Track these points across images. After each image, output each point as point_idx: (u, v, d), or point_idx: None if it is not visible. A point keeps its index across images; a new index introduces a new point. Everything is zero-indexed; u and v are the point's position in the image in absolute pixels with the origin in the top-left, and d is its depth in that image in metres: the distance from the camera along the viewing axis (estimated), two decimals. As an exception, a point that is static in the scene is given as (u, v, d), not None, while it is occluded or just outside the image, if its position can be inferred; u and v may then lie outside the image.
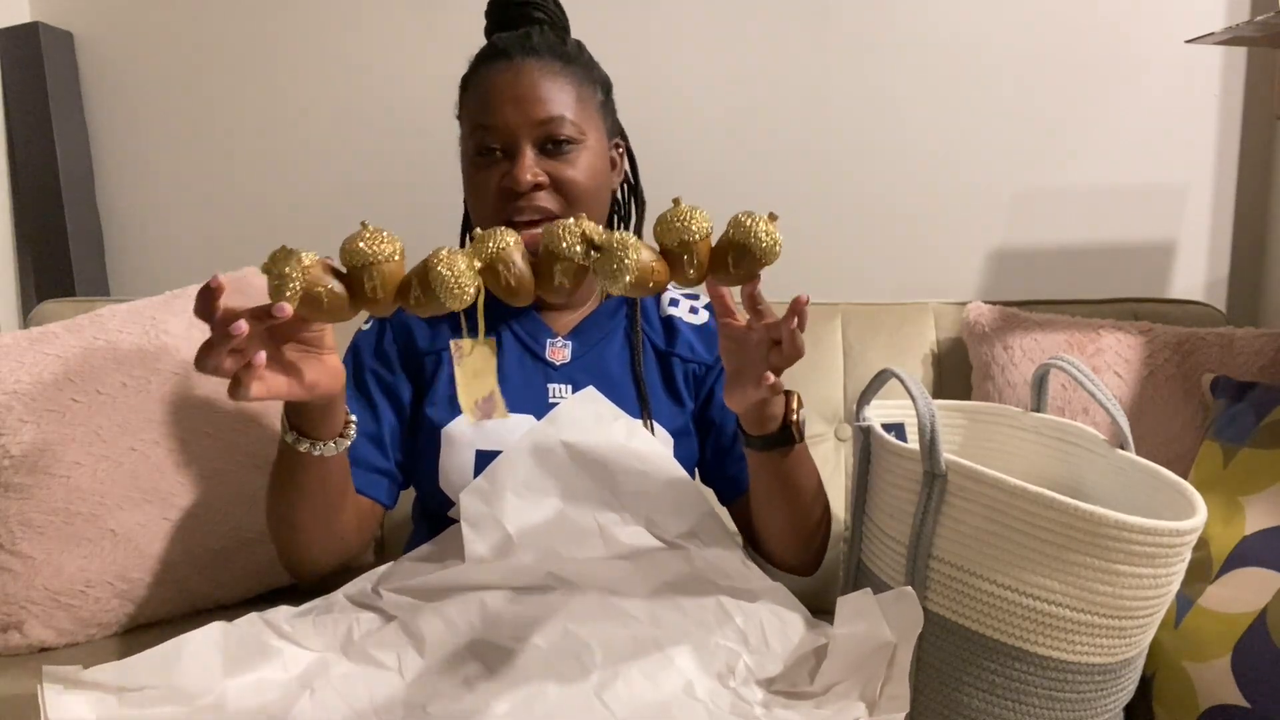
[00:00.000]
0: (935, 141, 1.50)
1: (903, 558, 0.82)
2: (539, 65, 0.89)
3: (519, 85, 0.88)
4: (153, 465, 1.16)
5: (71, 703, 0.71)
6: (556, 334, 0.96)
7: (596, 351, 0.96)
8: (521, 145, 0.88)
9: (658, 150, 1.56)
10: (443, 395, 0.93)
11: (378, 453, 0.94)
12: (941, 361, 1.32)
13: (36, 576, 1.10)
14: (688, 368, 0.99)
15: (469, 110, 0.92)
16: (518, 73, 0.88)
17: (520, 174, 0.87)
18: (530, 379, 0.94)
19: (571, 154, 0.89)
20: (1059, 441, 0.95)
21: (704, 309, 1.03)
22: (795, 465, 0.89)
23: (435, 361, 0.95)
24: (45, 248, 1.67)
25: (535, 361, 0.95)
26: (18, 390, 1.15)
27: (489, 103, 0.89)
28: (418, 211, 1.69)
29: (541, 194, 0.88)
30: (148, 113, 1.70)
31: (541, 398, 0.93)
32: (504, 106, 0.88)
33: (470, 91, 0.92)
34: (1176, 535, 0.71)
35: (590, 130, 0.91)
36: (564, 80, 0.90)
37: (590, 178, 0.90)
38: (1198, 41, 1.17)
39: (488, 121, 0.88)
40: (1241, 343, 1.16)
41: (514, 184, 0.87)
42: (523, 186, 0.87)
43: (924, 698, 0.80)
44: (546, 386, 0.94)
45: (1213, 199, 1.46)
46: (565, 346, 0.96)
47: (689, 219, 0.69)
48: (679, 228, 0.69)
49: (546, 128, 0.88)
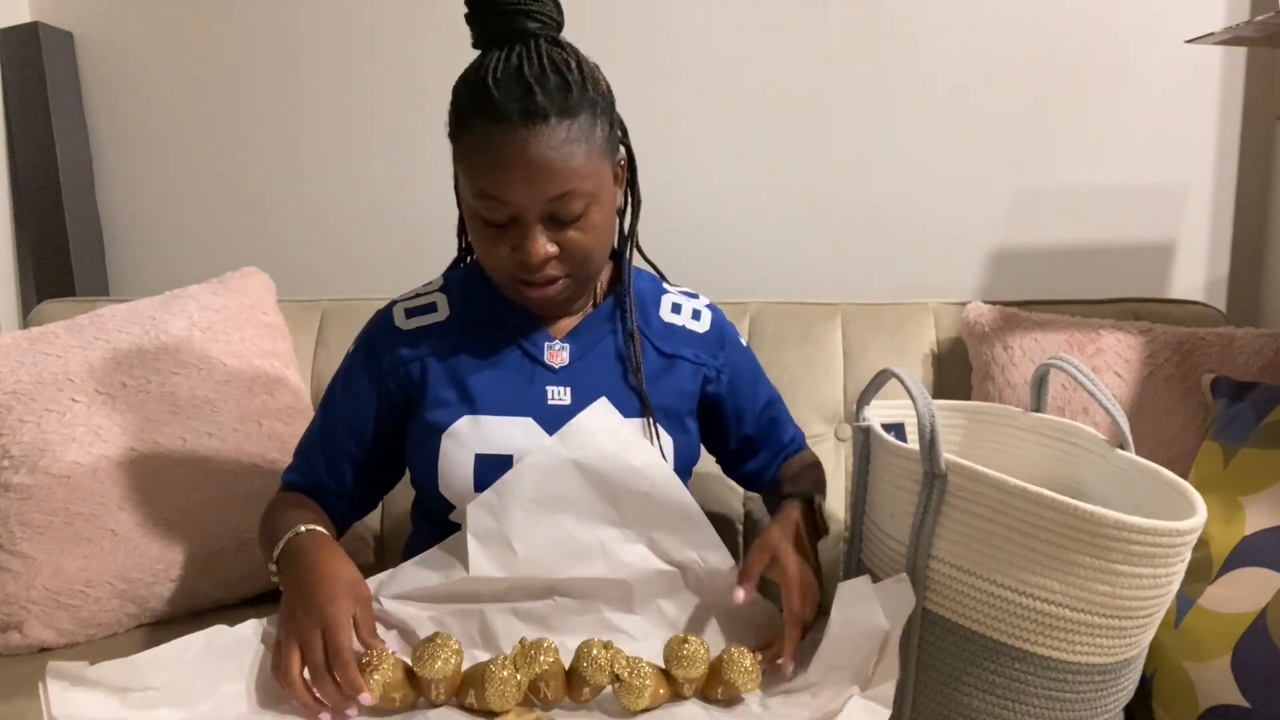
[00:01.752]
0: (935, 141, 1.50)
1: (903, 558, 0.82)
2: (546, 135, 0.80)
3: (526, 161, 0.80)
4: (153, 465, 1.16)
5: (75, 700, 0.72)
6: (554, 337, 0.95)
7: (595, 354, 0.95)
8: (530, 221, 0.83)
9: (658, 151, 1.57)
10: (439, 398, 0.92)
11: (333, 476, 0.98)
12: (941, 361, 1.32)
13: (36, 576, 1.10)
14: (695, 369, 0.99)
15: (468, 170, 0.84)
16: (524, 145, 0.80)
17: (533, 251, 0.83)
18: (529, 382, 0.93)
19: (582, 221, 0.85)
20: (1059, 441, 0.95)
21: (706, 310, 1.02)
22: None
23: (421, 368, 0.94)
24: (45, 248, 1.67)
25: (533, 365, 0.94)
26: (18, 390, 1.15)
27: (493, 174, 0.81)
28: (418, 211, 1.70)
29: (552, 263, 0.86)
30: (148, 113, 1.71)
31: (540, 400, 0.92)
32: (511, 185, 0.81)
33: (465, 148, 0.84)
34: (1176, 535, 0.71)
35: (601, 181, 0.86)
36: (573, 143, 0.82)
37: (600, 235, 0.87)
38: (1198, 41, 1.17)
39: (494, 194, 0.82)
40: (1241, 343, 1.16)
41: (527, 260, 0.84)
42: (534, 267, 0.84)
43: (924, 698, 0.80)
44: (545, 389, 0.93)
45: (1213, 199, 1.46)
46: (563, 349, 0.95)
47: (691, 661, 0.80)
48: (685, 663, 0.80)
49: (555, 205, 0.83)
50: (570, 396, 0.93)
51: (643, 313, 0.99)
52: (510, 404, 0.91)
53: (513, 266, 0.86)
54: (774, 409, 1.08)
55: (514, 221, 0.84)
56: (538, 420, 0.91)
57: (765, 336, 1.34)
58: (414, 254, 1.09)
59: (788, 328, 1.34)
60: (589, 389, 0.93)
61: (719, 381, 1.01)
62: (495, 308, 0.96)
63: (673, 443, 0.95)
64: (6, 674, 1.05)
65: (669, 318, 1.00)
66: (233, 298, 1.33)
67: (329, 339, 1.41)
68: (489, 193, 0.82)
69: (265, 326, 1.33)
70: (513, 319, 0.95)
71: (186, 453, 1.18)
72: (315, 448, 0.99)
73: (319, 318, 1.43)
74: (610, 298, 0.98)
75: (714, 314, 1.03)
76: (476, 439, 0.90)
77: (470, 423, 0.90)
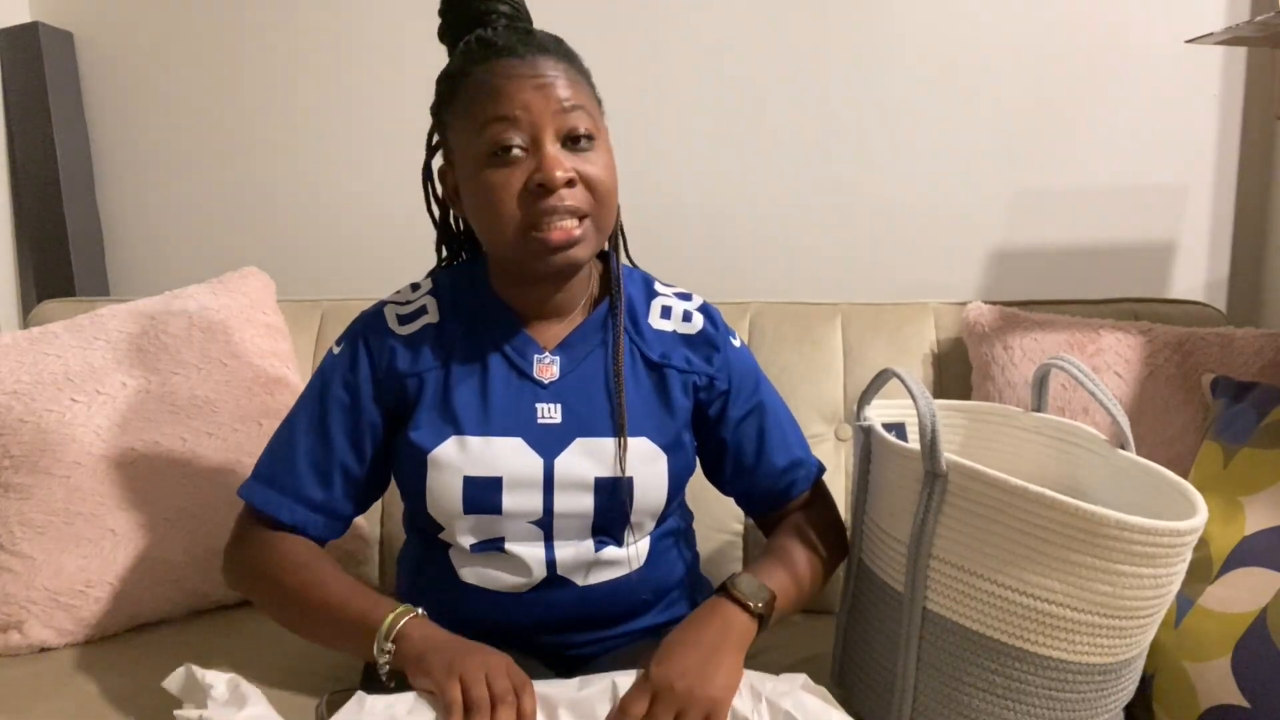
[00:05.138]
0: (935, 141, 1.50)
1: (903, 557, 0.82)
2: (550, 59, 0.84)
3: (536, 75, 0.82)
4: (153, 465, 1.16)
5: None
6: (544, 348, 0.92)
7: (585, 368, 0.92)
8: (545, 137, 0.82)
9: (657, 151, 1.57)
10: (427, 419, 0.89)
11: (320, 487, 0.90)
12: (941, 361, 1.32)
13: (36, 576, 1.10)
14: (686, 378, 0.94)
15: (472, 111, 0.83)
16: (532, 65, 0.82)
17: (552, 169, 0.81)
18: (518, 400, 0.90)
19: (591, 150, 0.85)
20: (1059, 441, 0.95)
21: (697, 312, 0.97)
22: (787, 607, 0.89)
23: (418, 383, 0.90)
24: (45, 248, 1.67)
25: (523, 380, 0.90)
26: (18, 390, 1.15)
27: (504, 94, 0.82)
28: (418, 211, 1.69)
29: (571, 190, 0.83)
30: (148, 113, 1.70)
31: (530, 419, 0.89)
32: (524, 94, 0.81)
33: (467, 93, 0.84)
34: (1177, 535, 0.71)
35: (601, 129, 0.88)
36: (574, 75, 0.86)
37: (610, 175, 0.86)
38: (1198, 41, 1.17)
39: (506, 113, 0.81)
40: (1241, 343, 1.16)
41: (548, 180, 0.81)
42: (557, 182, 0.81)
43: (924, 697, 0.80)
44: (535, 406, 0.90)
45: (1213, 199, 1.46)
46: (553, 362, 0.91)
47: None
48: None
49: (569, 118, 0.83)
50: (560, 414, 0.89)
51: (632, 319, 0.95)
52: (499, 423, 0.88)
53: (530, 201, 0.82)
54: (767, 420, 0.98)
55: (528, 149, 0.82)
56: (527, 440, 0.88)
57: (765, 336, 1.34)
58: (414, 254, 1.08)
59: (788, 328, 1.34)
60: (579, 406, 0.90)
61: (711, 389, 0.95)
62: (485, 313, 0.92)
63: (666, 457, 0.91)
64: (6, 674, 1.05)
65: (659, 324, 0.96)
66: (233, 298, 1.33)
67: (329, 339, 1.41)
68: (500, 115, 0.82)
69: (265, 326, 1.33)
70: (502, 326, 0.91)
71: (186, 453, 1.18)
72: (299, 459, 0.90)
73: (319, 318, 1.43)
74: (601, 305, 0.94)
75: (706, 316, 0.97)
76: (465, 461, 0.87)
77: (458, 444, 0.87)
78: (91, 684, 1.01)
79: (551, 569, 0.89)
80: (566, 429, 0.89)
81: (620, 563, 0.91)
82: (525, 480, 0.87)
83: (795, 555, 0.92)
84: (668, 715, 0.75)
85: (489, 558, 0.89)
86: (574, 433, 0.89)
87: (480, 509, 0.87)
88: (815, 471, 0.99)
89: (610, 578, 0.91)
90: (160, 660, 0.89)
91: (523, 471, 0.87)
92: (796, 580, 0.90)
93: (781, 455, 0.97)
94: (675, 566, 0.98)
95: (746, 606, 0.83)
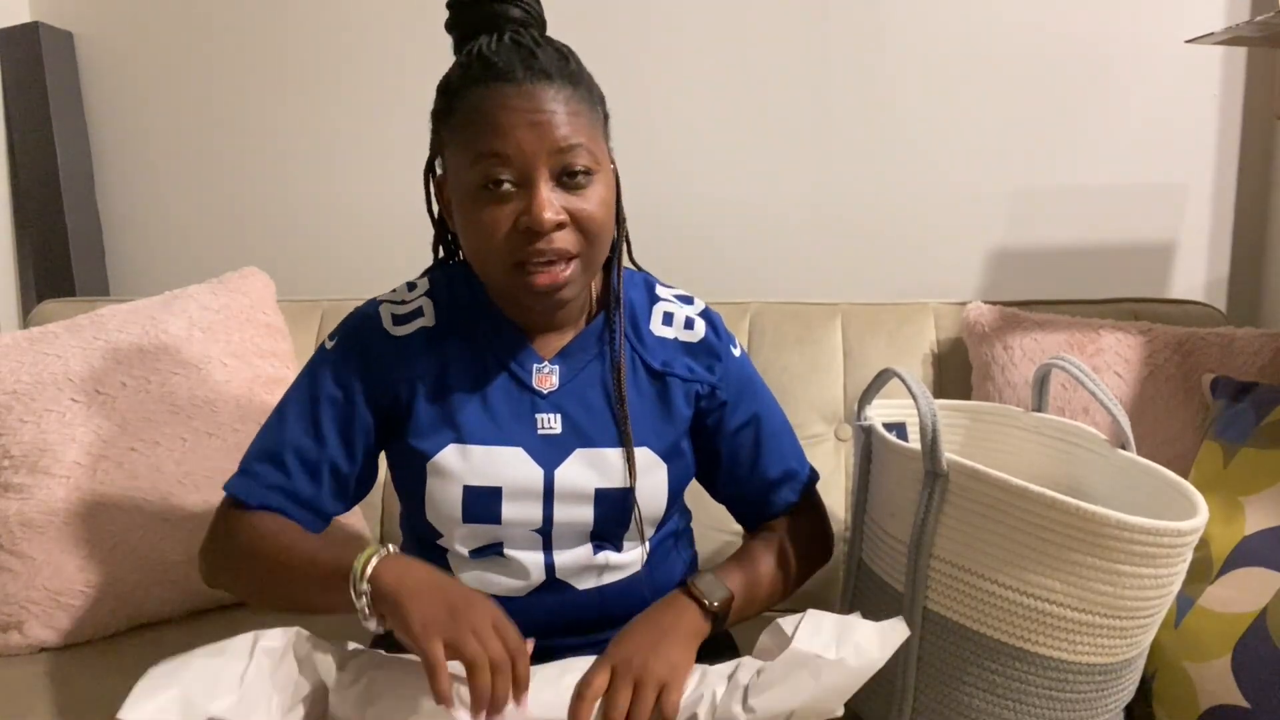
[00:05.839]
0: (935, 141, 1.50)
1: (903, 557, 0.82)
2: (551, 91, 0.79)
3: (532, 109, 0.78)
4: (153, 465, 1.16)
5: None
6: (543, 358, 0.90)
7: (585, 377, 0.91)
8: (538, 177, 0.78)
9: (657, 151, 1.57)
10: (425, 424, 0.87)
11: (310, 483, 0.88)
12: (941, 361, 1.32)
13: (36, 576, 1.10)
14: (688, 387, 0.93)
15: (466, 138, 0.80)
16: (530, 96, 0.78)
17: (540, 212, 0.78)
18: (517, 410, 0.89)
19: (588, 186, 0.81)
20: (1060, 441, 0.95)
21: (700, 319, 0.96)
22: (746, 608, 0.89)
23: (411, 389, 0.88)
24: (45, 248, 1.67)
25: (522, 390, 0.89)
26: (18, 390, 1.15)
27: (498, 128, 0.78)
28: (418, 211, 1.69)
29: (561, 233, 0.80)
30: (148, 113, 1.71)
31: (530, 429, 0.88)
32: (518, 131, 0.77)
33: (463, 116, 0.81)
34: (1178, 535, 0.71)
35: (603, 161, 0.84)
36: (576, 105, 0.81)
37: (606, 210, 0.83)
38: (1198, 41, 1.17)
39: (499, 149, 0.78)
40: (1241, 343, 1.16)
41: (535, 224, 0.78)
42: (545, 227, 0.78)
43: (924, 697, 0.80)
44: (534, 417, 0.89)
45: (1213, 199, 1.46)
46: (552, 372, 0.90)
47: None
48: None
49: (565, 156, 0.79)
50: (560, 424, 0.89)
51: (634, 325, 0.94)
52: (499, 433, 0.87)
53: (519, 241, 0.80)
54: (763, 430, 0.97)
55: (519, 185, 0.79)
56: (527, 450, 0.87)
57: (765, 337, 1.34)
58: (414, 254, 1.08)
59: (788, 328, 1.34)
60: (579, 416, 0.89)
61: (713, 399, 0.94)
62: (482, 319, 0.91)
63: (665, 466, 0.91)
64: (6, 674, 1.05)
65: (660, 330, 0.94)
66: (233, 298, 1.33)
67: (329, 339, 1.41)
68: (493, 150, 0.78)
69: (265, 326, 1.33)
70: (500, 335, 0.90)
71: (186, 452, 1.18)
72: (288, 454, 0.87)
73: (319, 318, 1.43)
74: (601, 314, 0.93)
75: (708, 323, 0.96)
76: (465, 470, 0.86)
77: (458, 452, 0.86)
78: (91, 684, 1.01)
79: (550, 573, 0.89)
80: (566, 439, 0.88)
81: (619, 567, 0.91)
82: (525, 491, 0.86)
83: (761, 560, 0.92)
84: (626, 687, 0.76)
85: (487, 562, 0.89)
86: (574, 443, 0.88)
87: (479, 519, 0.86)
88: (805, 482, 0.99)
89: (609, 581, 0.91)
90: (160, 660, 0.89)
91: (523, 482, 0.86)
92: (757, 584, 0.91)
93: (775, 467, 0.97)
94: (675, 567, 0.98)
95: (701, 603, 0.84)
